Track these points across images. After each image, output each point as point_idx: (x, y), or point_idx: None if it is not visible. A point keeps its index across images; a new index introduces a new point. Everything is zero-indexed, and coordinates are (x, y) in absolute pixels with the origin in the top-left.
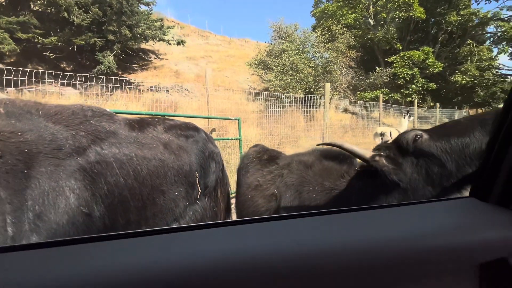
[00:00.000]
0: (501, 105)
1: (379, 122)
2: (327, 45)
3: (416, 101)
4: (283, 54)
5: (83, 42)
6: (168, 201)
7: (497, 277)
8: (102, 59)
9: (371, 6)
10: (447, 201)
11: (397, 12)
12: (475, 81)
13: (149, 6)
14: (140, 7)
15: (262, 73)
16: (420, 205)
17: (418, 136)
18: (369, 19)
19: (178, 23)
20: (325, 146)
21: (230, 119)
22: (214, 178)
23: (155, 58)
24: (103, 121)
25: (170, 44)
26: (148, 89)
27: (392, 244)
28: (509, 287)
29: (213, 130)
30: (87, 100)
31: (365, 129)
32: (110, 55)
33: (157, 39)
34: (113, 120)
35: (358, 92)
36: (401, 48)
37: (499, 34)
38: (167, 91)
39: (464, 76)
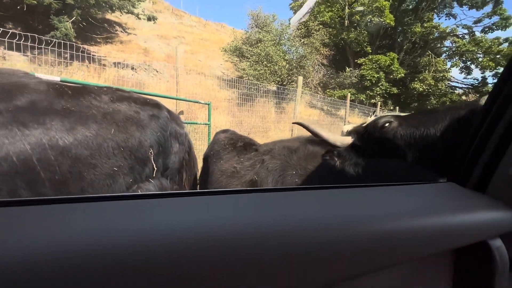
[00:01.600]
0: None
1: (344, 120)
2: (302, 40)
3: (379, 103)
4: (259, 44)
5: (35, 2)
6: (101, 176)
7: (475, 259)
8: (58, 24)
9: (347, 7)
10: (427, 184)
11: (370, 16)
12: (430, 90)
13: None
14: None
15: (236, 60)
16: (399, 187)
17: (388, 123)
18: (345, 20)
19: None
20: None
21: (200, 102)
22: (177, 159)
23: (121, 32)
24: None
25: (139, 18)
26: (112, 65)
27: (368, 224)
28: (486, 268)
29: (181, 112)
30: (37, 69)
31: (331, 125)
32: (68, 21)
33: (125, 10)
34: (28, 82)
35: (327, 90)
36: (370, 51)
37: (453, 49)
38: (133, 68)
39: (421, 84)
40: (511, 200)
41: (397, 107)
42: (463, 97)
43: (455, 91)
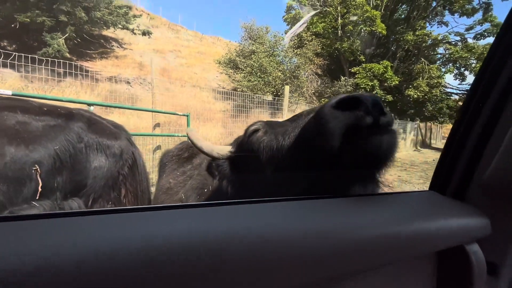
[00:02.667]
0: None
1: None
2: (295, 51)
3: None
4: (253, 55)
5: (28, 20)
6: None
7: (454, 263)
8: (50, 41)
9: (339, 18)
10: (409, 193)
11: (362, 26)
12: (426, 96)
13: None
14: None
15: (231, 72)
16: (384, 197)
17: (255, 131)
18: (338, 30)
19: (149, 14)
20: None
21: (178, 114)
22: (104, 175)
23: (117, 47)
24: None
25: (135, 33)
26: (106, 79)
27: (351, 232)
28: (465, 272)
29: (157, 125)
30: (28, 86)
31: None
32: (60, 38)
33: (120, 26)
34: None
35: (322, 99)
36: (364, 60)
37: (447, 55)
38: (128, 82)
39: (416, 91)
40: (486, 208)
41: (393, 115)
42: (460, 103)
43: (451, 97)
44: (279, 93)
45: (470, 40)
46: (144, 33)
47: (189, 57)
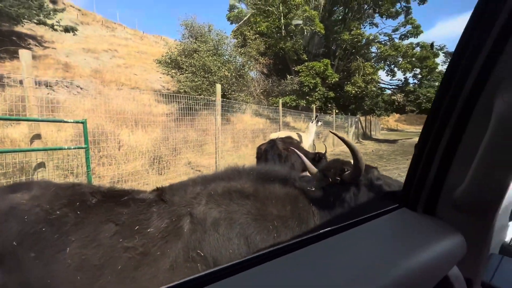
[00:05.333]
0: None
1: (279, 127)
2: (240, 50)
3: (314, 107)
4: (195, 54)
5: None
6: None
7: None
8: None
9: (282, 18)
10: (382, 217)
11: (301, 25)
12: (364, 92)
13: None
14: None
15: (173, 72)
16: (357, 229)
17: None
18: (282, 30)
19: (80, 10)
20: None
21: (68, 121)
22: None
23: (36, 45)
24: None
25: (55, 30)
26: (18, 83)
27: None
28: None
29: (36, 136)
30: None
31: (276, 132)
32: None
33: (35, 21)
34: None
35: (270, 98)
36: (306, 59)
37: (378, 54)
38: (49, 86)
39: (353, 87)
40: (458, 222)
41: (334, 110)
42: (392, 97)
43: (385, 92)
44: (225, 93)
45: (396, 40)
46: (67, 30)
47: (127, 57)
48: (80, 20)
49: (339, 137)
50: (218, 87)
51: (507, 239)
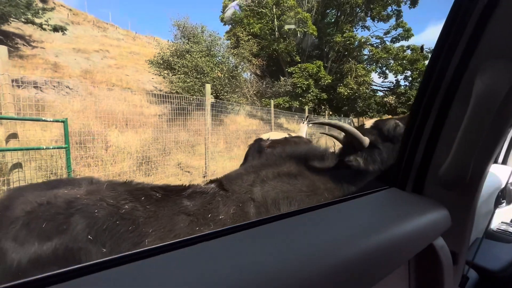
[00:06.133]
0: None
1: (271, 127)
2: (232, 51)
3: (307, 108)
4: (187, 55)
5: None
6: None
7: (424, 261)
8: None
9: (275, 20)
10: (373, 194)
11: (294, 27)
12: (356, 94)
13: None
14: None
15: (165, 73)
16: (347, 203)
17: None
18: (275, 32)
19: (70, 9)
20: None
21: (47, 120)
22: None
23: (23, 45)
24: None
25: (44, 29)
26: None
27: (327, 249)
28: (435, 266)
29: (12, 136)
30: None
31: (269, 133)
32: None
33: (23, 20)
34: None
35: (263, 99)
36: (299, 60)
37: (370, 56)
38: (37, 87)
39: (346, 88)
40: (444, 199)
41: (327, 112)
42: (384, 99)
43: (377, 94)
44: (218, 94)
45: (388, 43)
46: (56, 29)
47: (119, 57)
48: (70, 20)
49: (325, 123)
50: (208, 87)
51: (492, 226)
